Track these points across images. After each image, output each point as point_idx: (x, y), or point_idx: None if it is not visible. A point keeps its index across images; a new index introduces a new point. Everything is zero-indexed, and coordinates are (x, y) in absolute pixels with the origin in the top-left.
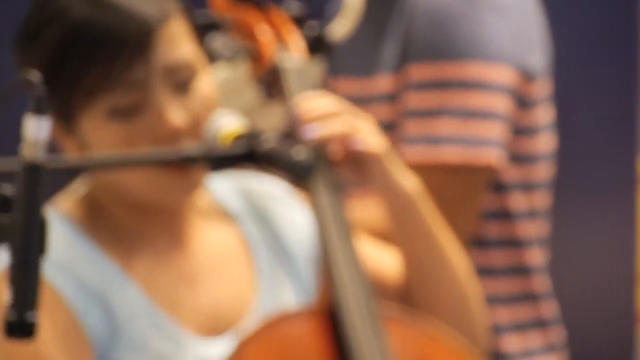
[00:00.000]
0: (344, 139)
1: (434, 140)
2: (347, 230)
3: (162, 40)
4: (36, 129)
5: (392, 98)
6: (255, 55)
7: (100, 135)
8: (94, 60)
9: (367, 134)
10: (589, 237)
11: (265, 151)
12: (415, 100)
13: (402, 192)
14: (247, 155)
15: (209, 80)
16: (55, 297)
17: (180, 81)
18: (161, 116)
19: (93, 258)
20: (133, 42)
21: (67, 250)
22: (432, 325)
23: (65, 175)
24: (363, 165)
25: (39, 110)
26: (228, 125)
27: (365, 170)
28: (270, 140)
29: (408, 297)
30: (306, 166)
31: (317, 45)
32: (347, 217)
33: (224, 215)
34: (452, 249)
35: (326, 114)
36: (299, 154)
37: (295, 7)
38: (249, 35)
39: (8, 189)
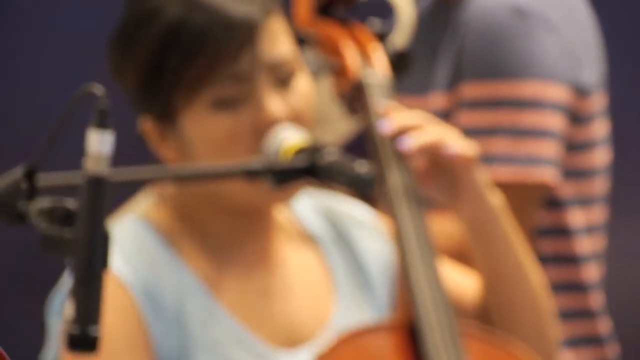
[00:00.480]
0: (437, 147)
1: (488, 159)
2: (429, 247)
3: (266, 34)
4: (99, 143)
5: (445, 116)
6: (339, 71)
7: (203, 128)
8: (200, 53)
9: (458, 141)
10: None
11: (327, 164)
12: (469, 118)
13: (489, 204)
14: (309, 168)
15: (307, 80)
16: (130, 302)
17: (281, 77)
18: (264, 107)
19: (174, 267)
20: (239, 34)
21: (147, 257)
22: (510, 342)
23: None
24: (453, 174)
25: (102, 123)
26: (290, 138)
27: (455, 179)
28: (332, 154)
29: (485, 317)
30: (368, 180)
31: (399, 62)
32: (430, 233)
33: (306, 237)
34: (530, 265)
35: (416, 124)
36: (361, 167)
37: (378, 24)
38: (333, 50)
39: (71, 203)
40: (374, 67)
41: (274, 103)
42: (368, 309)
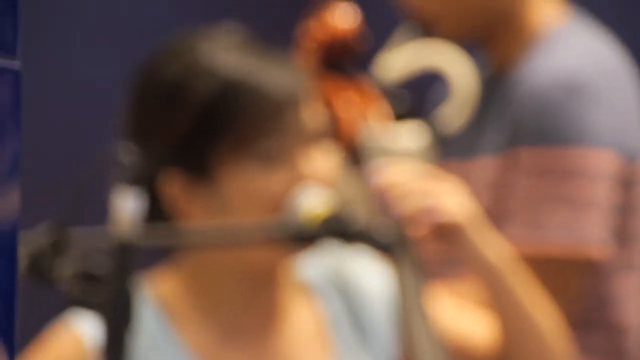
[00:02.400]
0: (427, 213)
1: (539, 231)
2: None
3: (303, 105)
4: (127, 204)
5: (493, 179)
6: (334, 132)
7: (239, 180)
8: (246, 120)
9: (450, 205)
10: None
11: (354, 233)
12: (525, 185)
13: (486, 262)
14: (336, 236)
15: (327, 149)
16: None
17: (312, 144)
18: (298, 166)
19: (170, 344)
20: (280, 107)
21: (145, 339)
22: None
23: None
24: (448, 237)
25: (130, 184)
26: (315, 206)
27: (450, 242)
28: (357, 221)
29: None
30: (394, 245)
31: (409, 118)
32: (425, 295)
33: (308, 290)
34: (543, 319)
35: (407, 190)
36: (387, 233)
37: (389, 85)
38: (330, 109)
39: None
40: (374, 127)
41: (311, 163)
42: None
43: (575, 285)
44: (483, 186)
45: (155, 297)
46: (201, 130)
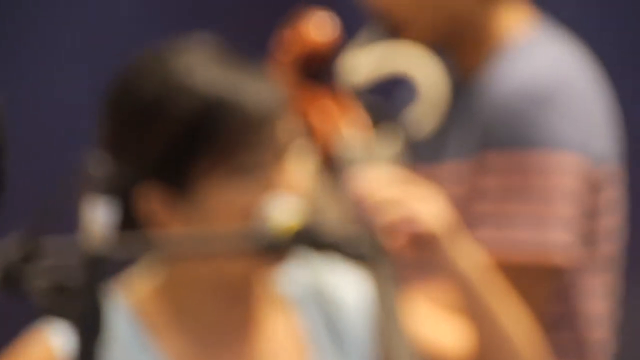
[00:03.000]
0: (404, 223)
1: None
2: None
3: (280, 120)
4: (99, 216)
5: (461, 182)
6: (310, 141)
7: (219, 194)
8: (224, 133)
9: (427, 214)
10: None
11: (326, 244)
12: (492, 188)
13: (460, 271)
14: (309, 247)
15: (304, 163)
16: None
17: (286, 157)
18: (274, 178)
19: (144, 350)
20: (258, 123)
21: (120, 349)
22: None
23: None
24: (424, 246)
25: (102, 196)
26: (286, 217)
27: (426, 251)
28: (330, 232)
29: None
30: (369, 255)
31: (383, 125)
32: (401, 304)
33: (285, 302)
34: (514, 327)
35: (384, 199)
36: (362, 243)
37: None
38: (306, 119)
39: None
40: (350, 136)
41: (288, 175)
42: None
43: (541, 290)
44: (451, 190)
45: (130, 305)
46: (180, 146)
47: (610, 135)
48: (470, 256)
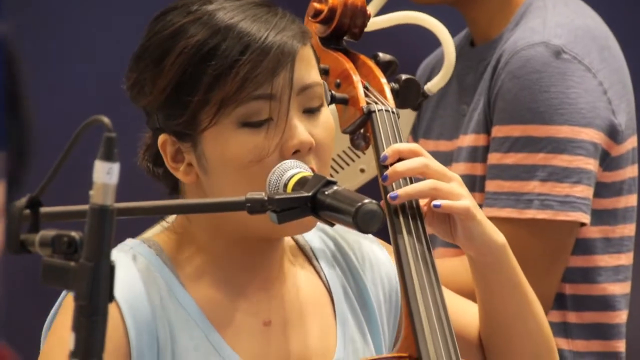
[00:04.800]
0: (429, 199)
1: (525, 200)
2: (434, 276)
3: (298, 62)
4: (106, 173)
5: (474, 157)
6: (349, 102)
7: (227, 146)
8: (232, 75)
9: (451, 195)
10: None
11: (328, 197)
12: (504, 159)
13: (492, 244)
14: (310, 199)
15: (329, 113)
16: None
17: (309, 106)
18: (292, 131)
19: (174, 292)
20: (272, 61)
21: (145, 278)
22: None
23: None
24: (451, 220)
25: (108, 154)
26: (293, 173)
27: (451, 225)
28: (334, 189)
29: (485, 350)
30: (369, 218)
31: (406, 95)
32: (434, 262)
33: (308, 258)
34: (535, 299)
35: (413, 170)
36: (364, 204)
37: (384, 56)
38: (344, 81)
39: (76, 234)
40: (381, 100)
41: (301, 129)
42: (369, 337)
43: (565, 249)
44: (464, 167)
45: (157, 254)
46: (182, 93)
47: (631, 102)
48: (493, 228)
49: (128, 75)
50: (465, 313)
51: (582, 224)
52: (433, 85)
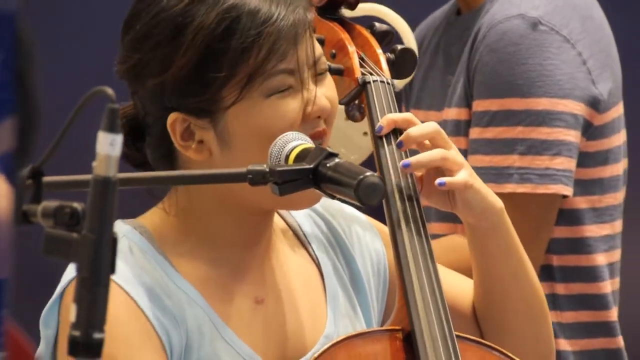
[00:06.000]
0: (435, 171)
1: (505, 174)
2: (427, 250)
3: (309, 33)
4: (109, 145)
5: (458, 131)
6: (344, 72)
7: (255, 116)
8: (254, 52)
9: (455, 164)
10: None
11: (329, 170)
12: (484, 134)
13: (491, 209)
14: (312, 171)
15: (331, 78)
16: (134, 309)
17: (319, 72)
18: (314, 98)
19: (170, 276)
20: (294, 28)
21: (145, 266)
22: (507, 351)
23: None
24: (449, 192)
25: (112, 125)
26: (294, 145)
27: (451, 196)
28: (335, 161)
29: (480, 319)
30: (371, 190)
31: (403, 66)
32: (428, 238)
33: (298, 238)
34: (529, 262)
35: (426, 135)
36: (365, 176)
37: (381, 27)
38: (338, 50)
39: (79, 205)
40: (377, 69)
41: (321, 96)
42: (359, 311)
43: (548, 221)
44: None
45: (152, 234)
46: (202, 72)
47: (616, 71)
48: (491, 193)
49: (126, 57)
50: (459, 286)
51: (564, 196)
52: (398, 81)
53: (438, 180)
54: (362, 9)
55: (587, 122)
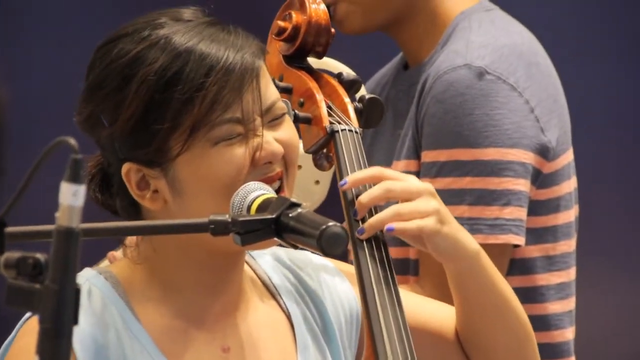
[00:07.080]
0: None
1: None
2: (394, 293)
3: (262, 76)
4: (72, 195)
5: None
6: (312, 121)
7: (202, 165)
8: (199, 100)
9: (416, 214)
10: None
11: (292, 220)
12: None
13: (463, 253)
14: (274, 221)
15: (291, 122)
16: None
17: (274, 117)
18: (264, 145)
19: (128, 326)
20: (241, 75)
21: (100, 311)
22: None
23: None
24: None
25: (75, 176)
26: (257, 195)
27: (426, 243)
28: (298, 211)
29: (463, 344)
30: (334, 240)
31: (371, 114)
32: (396, 288)
33: (268, 290)
34: (512, 294)
35: (377, 199)
36: (328, 227)
37: (348, 75)
38: (307, 100)
39: (41, 256)
40: (344, 119)
41: (271, 140)
42: (329, 354)
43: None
44: None
45: (115, 282)
46: (148, 123)
47: (564, 117)
48: (467, 235)
49: (81, 108)
50: (440, 314)
51: (516, 246)
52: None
53: (387, 226)
54: (316, 62)
55: (537, 171)
